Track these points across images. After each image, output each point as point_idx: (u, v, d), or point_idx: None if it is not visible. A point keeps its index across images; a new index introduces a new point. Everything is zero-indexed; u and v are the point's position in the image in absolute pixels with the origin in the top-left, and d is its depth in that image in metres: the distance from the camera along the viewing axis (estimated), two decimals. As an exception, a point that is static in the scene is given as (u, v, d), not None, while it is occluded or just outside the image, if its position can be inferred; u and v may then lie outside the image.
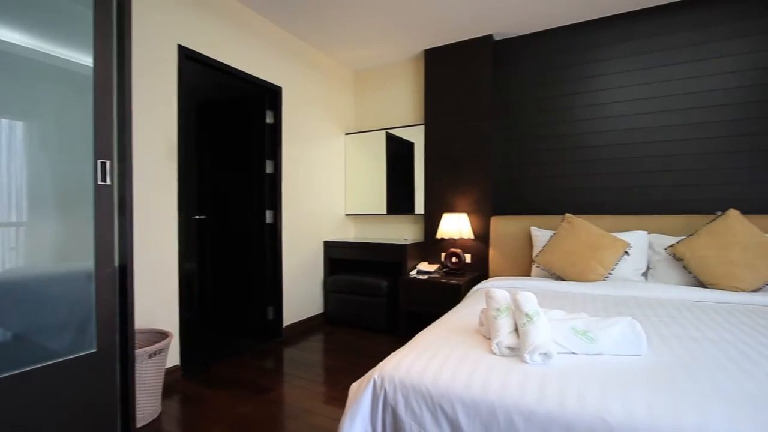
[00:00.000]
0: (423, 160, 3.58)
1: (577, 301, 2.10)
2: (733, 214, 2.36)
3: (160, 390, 2.08)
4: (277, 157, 3.19)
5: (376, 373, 1.31)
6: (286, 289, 3.27)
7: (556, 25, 3.13)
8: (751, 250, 2.23)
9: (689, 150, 2.76)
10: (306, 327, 3.51)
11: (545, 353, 1.20)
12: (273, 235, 3.21)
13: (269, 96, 3.18)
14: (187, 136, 3.07)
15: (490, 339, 1.38)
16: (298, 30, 3.25)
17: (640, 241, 2.59)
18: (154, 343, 2.12)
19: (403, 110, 3.86)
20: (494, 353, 1.31)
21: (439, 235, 3.27)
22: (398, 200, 3.85)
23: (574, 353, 1.29)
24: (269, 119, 3.19)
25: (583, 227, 2.64)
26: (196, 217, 3.54)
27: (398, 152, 3.85)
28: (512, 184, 3.33)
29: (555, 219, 2.92)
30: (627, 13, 2.92)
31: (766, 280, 2.19)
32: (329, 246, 3.70)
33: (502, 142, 3.36)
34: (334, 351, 3.02)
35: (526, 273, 3.02)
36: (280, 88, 3.19)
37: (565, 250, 2.63)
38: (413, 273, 3.27)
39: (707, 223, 2.41)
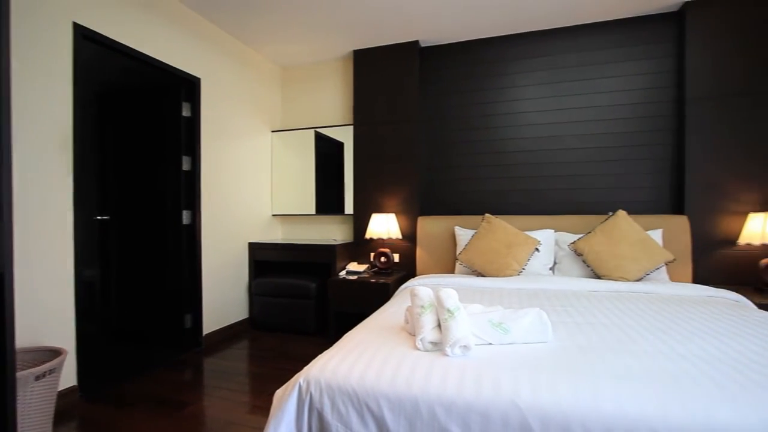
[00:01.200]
0: (352, 161, 3.59)
1: (494, 296, 2.25)
2: (621, 214, 2.71)
3: (52, 416, 1.82)
4: (195, 153, 2.97)
5: (301, 377, 1.28)
6: (206, 295, 3.06)
7: (478, 37, 3.33)
8: (635, 246, 2.58)
9: (588, 157, 3.11)
10: (229, 334, 3.32)
11: (465, 346, 1.27)
12: (191, 237, 2.98)
13: (186, 87, 2.95)
14: (86, 127, 2.73)
15: (414, 336, 1.42)
16: (220, 19, 3.06)
17: (548, 239, 2.86)
18: (42, 362, 1.85)
19: (332, 110, 3.82)
20: (418, 349, 1.35)
21: (368, 235, 3.30)
22: (328, 200, 3.82)
23: (490, 344, 1.38)
24: (186, 112, 2.96)
25: (500, 227, 2.85)
26: (98, 217, 3.16)
27: (328, 152, 3.81)
28: (438, 185, 3.48)
29: (476, 219, 3.10)
30: (539, 31, 3.20)
31: (647, 270, 2.55)
32: (254, 247, 3.54)
33: (429, 145, 3.49)
34: (259, 357, 2.89)
35: (451, 270, 3.17)
36: (199, 79, 2.98)
37: (485, 248, 2.81)
38: (342, 274, 3.26)
39: (601, 223, 2.74)
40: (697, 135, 2.80)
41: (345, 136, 3.69)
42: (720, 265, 2.78)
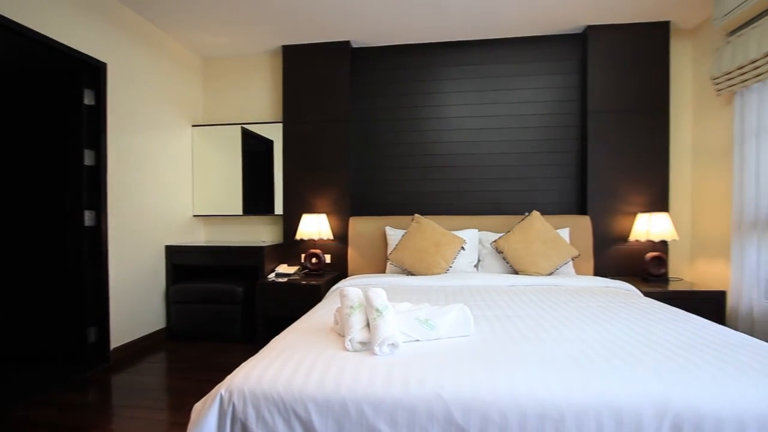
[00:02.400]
0: (282, 159, 3.48)
1: (423, 293, 2.32)
2: (536, 214, 2.96)
3: None
4: (100, 146, 2.66)
5: (223, 387, 1.20)
6: (114, 305, 2.75)
7: (409, 42, 3.42)
8: (547, 243, 2.83)
9: (507, 162, 3.35)
10: (142, 346, 3.02)
11: (393, 344, 1.29)
12: (95, 240, 2.66)
13: (89, 72, 2.63)
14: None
15: (344, 336, 1.41)
16: (132, 0, 2.78)
17: (472, 238, 3.02)
18: None
19: (260, 106, 3.67)
20: (348, 350, 1.35)
21: (298, 236, 3.22)
22: (256, 200, 3.65)
23: (418, 340, 1.42)
24: (88, 100, 2.64)
25: (429, 226, 2.95)
26: (-25, 219, 2.70)
27: (256, 150, 3.65)
28: (369, 186, 3.51)
29: (406, 219, 3.18)
30: (466, 41, 3.38)
31: (557, 265, 2.81)
32: (173, 251, 3.27)
33: (361, 145, 3.51)
34: (178, 370, 2.68)
35: (383, 270, 3.21)
36: (105, 64, 2.67)
37: (415, 247, 2.89)
38: (272, 276, 3.14)
39: (519, 222, 2.97)
40: (596, 144, 3.16)
41: (275, 133, 3.57)
42: (615, 259, 3.16)
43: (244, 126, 3.62)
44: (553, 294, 2.28)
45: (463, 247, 2.90)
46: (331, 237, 3.30)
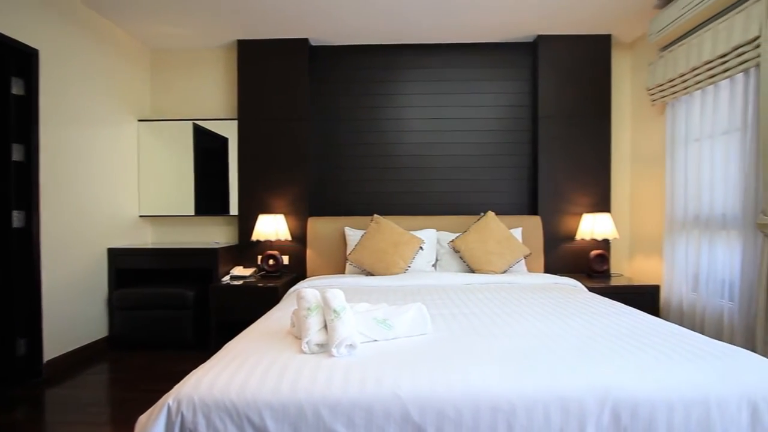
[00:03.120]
0: (237, 158, 3.36)
1: (382, 293, 2.33)
2: (491, 215, 3.06)
3: None
4: (30, 140, 2.43)
5: (170, 397, 1.14)
6: (48, 313, 2.53)
7: (368, 43, 3.42)
8: (501, 242, 2.94)
9: (464, 163, 3.45)
10: (82, 357, 2.80)
11: (351, 344, 1.29)
12: (25, 243, 2.43)
13: (17, 59, 2.40)
14: None
15: (301, 339, 1.38)
16: (68, -17, 2.58)
17: (430, 238, 3.08)
18: None
19: (214, 102, 3.53)
20: (305, 352, 1.32)
21: (254, 237, 3.12)
22: (209, 200, 3.50)
23: (376, 340, 1.42)
24: (17, 89, 2.40)
25: (388, 227, 2.97)
26: None
27: (210, 147, 3.50)
28: (329, 186, 3.47)
29: (365, 219, 3.18)
30: (425, 44, 3.43)
31: (510, 263, 2.92)
32: (116, 254, 3.05)
33: (320, 145, 3.46)
34: (122, 381, 2.51)
35: (342, 271, 3.19)
36: (37, 51, 2.45)
37: (374, 247, 2.90)
38: (226, 279, 3.03)
39: (475, 222, 3.06)
40: (546, 148, 3.32)
41: (229, 131, 3.44)
42: (564, 257, 3.34)
43: (196, 122, 3.46)
44: (507, 291, 2.37)
45: (421, 247, 2.94)
46: (289, 238, 3.24)
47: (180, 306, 2.98)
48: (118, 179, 3.20)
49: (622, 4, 2.82)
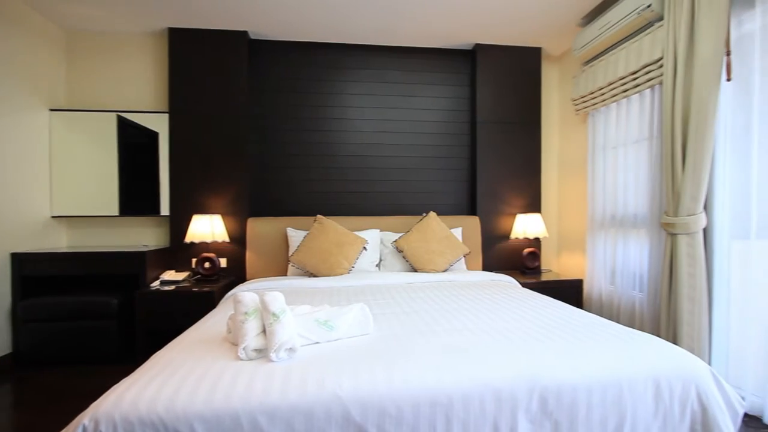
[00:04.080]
0: (169, 154, 3.14)
1: (325, 295, 2.30)
2: (432, 215, 3.15)
3: None
4: None
5: (86, 416, 1.04)
6: (-67, 330, 2.17)
7: (312, 40, 3.36)
8: (442, 242, 3.03)
9: (407, 165, 3.51)
10: (-23, 378, 2.45)
11: (290, 348, 1.25)
12: None
13: None
14: None
15: (237, 345, 1.32)
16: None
17: (374, 238, 3.10)
18: None
19: (142, 93, 3.26)
20: (241, 359, 1.27)
21: (188, 239, 2.93)
22: (137, 199, 3.23)
23: (317, 342, 1.40)
24: None
25: (331, 227, 2.94)
26: None
27: (137, 142, 3.22)
28: (270, 185, 3.36)
29: (308, 220, 3.12)
30: (369, 45, 3.44)
31: (450, 262, 3.03)
32: (22, 260, 2.71)
33: (260, 143, 3.34)
34: (30, 403, 2.22)
35: (283, 273, 3.10)
36: None
37: (317, 248, 2.85)
38: (156, 284, 2.81)
39: (417, 222, 3.13)
40: (484, 152, 3.49)
41: (160, 125, 3.19)
42: (500, 255, 3.53)
43: (120, 114, 3.17)
44: (447, 289, 2.45)
45: (365, 247, 2.95)
46: (227, 239, 3.08)
47: (103, 316, 2.71)
48: (24, 175, 2.84)
49: (551, 20, 3.04)
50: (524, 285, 2.91)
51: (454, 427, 1.12)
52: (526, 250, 3.34)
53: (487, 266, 3.47)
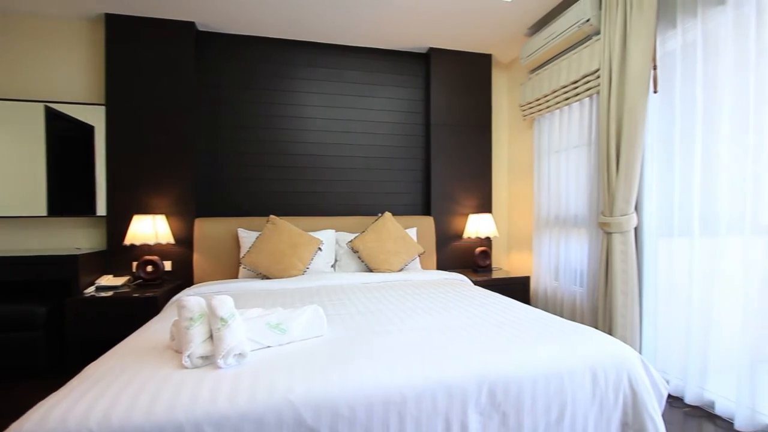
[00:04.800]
0: (105, 150, 2.91)
1: (278, 297, 2.24)
2: (388, 215, 3.17)
3: None
4: None
5: (4, 439, 0.93)
6: None
7: (265, 35, 3.26)
8: (397, 242, 3.06)
9: (363, 165, 3.51)
10: None
11: (239, 354, 1.21)
12: None
13: None
14: None
15: (182, 353, 1.25)
16: None
17: (329, 239, 3.07)
18: None
19: (75, 83, 2.99)
20: (186, 367, 1.20)
21: (128, 241, 2.74)
22: (69, 198, 2.96)
23: (269, 347, 1.36)
24: None
25: (285, 228, 2.87)
26: None
27: (69, 136, 2.96)
28: (219, 184, 3.22)
29: (261, 220, 3.03)
30: (325, 44, 3.39)
31: (405, 261, 3.06)
32: (-72, 266, 2.40)
33: (210, 139, 3.19)
34: (-64, 426, 1.97)
35: (234, 276, 2.98)
36: None
37: (270, 249, 2.77)
38: (91, 290, 2.59)
39: (373, 222, 3.14)
40: (437, 154, 3.57)
41: (96, 118, 2.95)
42: (453, 254, 3.62)
43: (49, 105, 2.90)
44: (402, 288, 2.47)
45: (320, 248, 2.91)
46: (173, 241, 2.91)
47: (28, 326, 2.46)
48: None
49: (500, 29, 3.18)
50: (476, 283, 3.01)
51: (407, 425, 1.14)
52: (478, 249, 3.46)
53: (441, 265, 3.55)
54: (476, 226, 3.45)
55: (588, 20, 2.49)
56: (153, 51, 2.96)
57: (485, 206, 3.69)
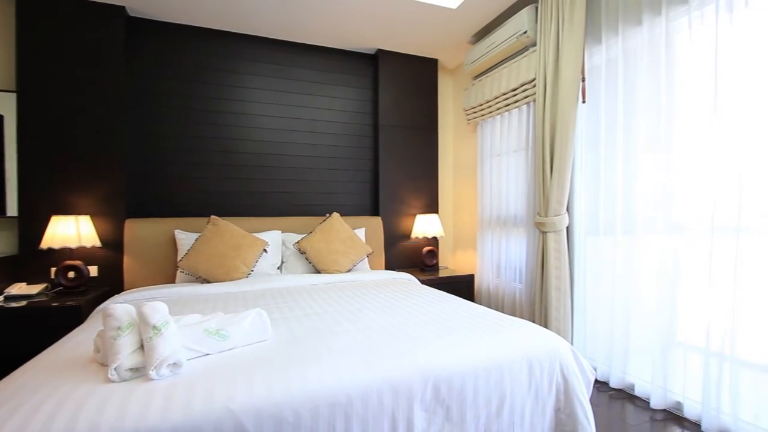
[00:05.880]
0: (16, 142, 2.60)
1: (219, 302, 2.14)
2: (336, 216, 3.14)
3: None
4: None
5: None
6: None
7: (204, 26, 3.09)
8: (345, 242, 3.05)
9: (311, 164, 3.45)
10: None
11: (174, 363, 1.13)
12: None
13: None
14: None
15: (108, 366, 1.15)
16: None
17: (275, 240, 2.98)
18: None
19: (-22, 66, 2.64)
20: (113, 381, 1.10)
21: (45, 245, 2.46)
22: (-30, 197, 2.61)
23: (208, 354, 1.29)
24: None
25: (227, 228, 2.74)
26: None
27: (-30, 126, 2.60)
28: (155, 182, 2.99)
29: (201, 221, 2.87)
30: (271, 39, 3.28)
31: (354, 262, 3.05)
32: None
33: (143, 134, 2.96)
34: None
35: (171, 280, 2.80)
36: None
37: (211, 251, 2.63)
38: (-2, 301, 2.30)
39: (320, 223, 3.10)
40: (386, 154, 3.60)
41: (5, 107, 2.62)
42: (401, 254, 3.68)
43: (-55, 90, 2.53)
44: (350, 289, 2.46)
45: (265, 249, 2.82)
46: (98, 244, 2.66)
47: None
48: None
49: (445, 35, 3.28)
50: (423, 282, 3.07)
51: (353, 425, 1.13)
52: (425, 249, 3.54)
53: (390, 265, 3.59)
54: (423, 226, 3.52)
55: (525, 32, 2.65)
56: (74, 35, 2.69)
57: (432, 207, 3.79)
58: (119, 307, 1.21)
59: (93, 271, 2.70)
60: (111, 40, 2.77)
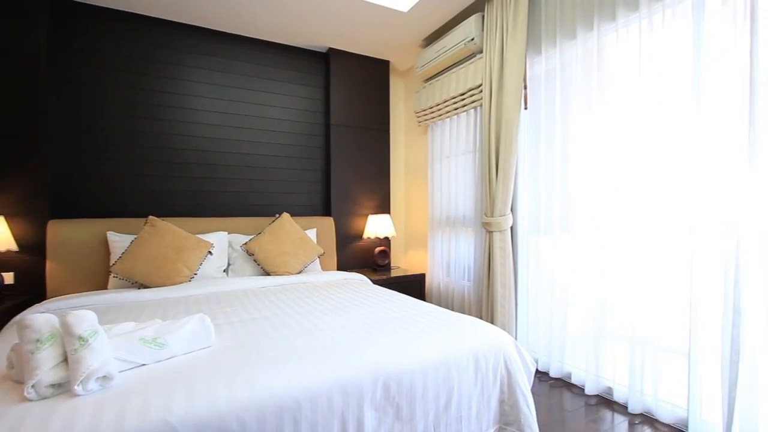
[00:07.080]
0: None
1: (158, 308, 2.00)
2: (286, 216, 3.07)
3: None
4: None
5: None
6: None
7: (139, 12, 2.88)
8: (296, 243, 2.98)
9: (259, 163, 3.33)
10: None
11: (104, 376, 1.04)
12: None
13: None
14: None
15: (24, 383, 1.03)
16: None
17: (221, 241, 2.84)
18: None
19: None
20: (30, 399, 0.99)
21: (-52, 250, 2.17)
22: None
23: (144, 365, 1.20)
24: None
25: (168, 230, 2.58)
26: None
27: None
28: (82, 180, 2.74)
29: (137, 222, 2.68)
30: (215, 30, 3.13)
31: (305, 263, 2.99)
32: None
33: (71, 128, 2.70)
34: None
35: (103, 286, 2.58)
36: None
37: (149, 254, 2.46)
38: None
39: (269, 224, 3.01)
40: (337, 154, 3.57)
41: None
42: (354, 254, 3.66)
43: None
44: (301, 291, 2.41)
45: (210, 252, 2.68)
46: (15, 248, 2.39)
47: None
48: None
49: (396, 38, 3.32)
50: (375, 282, 3.08)
51: (302, 430, 1.11)
52: (377, 249, 3.56)
53: (342, 266, 3.56)
54: (375, 226, 3.54)
55: (473, 39, 2.75)
56: (-13, 14, 2.40)
57: (384, 207, 3.81)
58: (39, 317, 1.10)
59: (8, 278, 2.43)
60: (32, 21, 2.50)
